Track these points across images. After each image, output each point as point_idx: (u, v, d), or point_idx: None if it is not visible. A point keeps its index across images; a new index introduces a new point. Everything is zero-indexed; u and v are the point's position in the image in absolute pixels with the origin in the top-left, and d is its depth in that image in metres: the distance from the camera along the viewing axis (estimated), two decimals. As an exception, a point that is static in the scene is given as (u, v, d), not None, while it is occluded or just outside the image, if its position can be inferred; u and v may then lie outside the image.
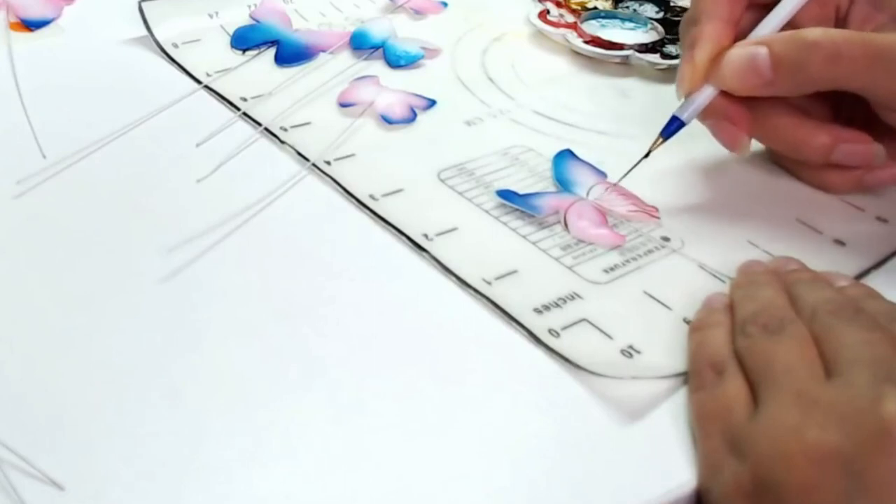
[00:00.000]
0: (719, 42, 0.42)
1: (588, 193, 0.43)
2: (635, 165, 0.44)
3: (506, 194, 0.43)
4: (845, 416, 0.30)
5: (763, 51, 0.41)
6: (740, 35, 0.43)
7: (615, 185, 0.44)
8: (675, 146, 0.48)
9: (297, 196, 0.43)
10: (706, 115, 0.43)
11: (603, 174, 0.45)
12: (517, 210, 0.42)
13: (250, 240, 0.40)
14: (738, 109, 0.43)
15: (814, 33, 0.41)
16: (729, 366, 0.34)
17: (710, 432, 0.33)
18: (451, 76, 0.53)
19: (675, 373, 0.35)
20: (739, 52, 0.42)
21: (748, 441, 0.31)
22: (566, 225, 0.41)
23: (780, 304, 0.36)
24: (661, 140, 0.43)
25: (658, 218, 0.43)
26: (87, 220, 0.40)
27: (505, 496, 0.31)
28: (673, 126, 0.43)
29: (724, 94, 0.43)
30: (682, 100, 0.43)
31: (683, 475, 0.32)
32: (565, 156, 0.46)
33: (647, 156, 0.43)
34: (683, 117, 0.43)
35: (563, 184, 0.44)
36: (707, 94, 0.43)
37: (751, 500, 0.30)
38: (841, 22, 0.45)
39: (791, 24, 0.43)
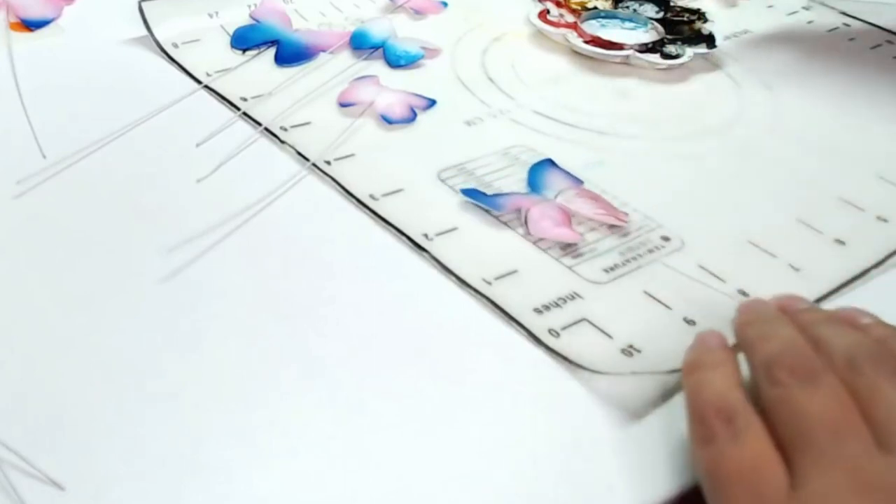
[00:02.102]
0: None
1: (556, 196, 0.43)
2: None
3: (470, 193, 0.42)
4: None
5: None
6: None
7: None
8: (676, 145, 0.48)
9: (297, 196, 0.43)
10: None
11: (580, 181, 0.44)
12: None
13: (250, 240, 0.40)
14: None
15: None
16: (742, 414, 0.30)
17: (735, 498, 0.29)
18: (451, 76, 0.53)
19: (675, 369, 0.35)
20: None
21: None
22: (526, 223, 0.41)
23: (803, 346, 0.32)
24: None
25: (626, 223, 0.42)
26: (87, 220, 0.40)
27: (505, 496, 0.31)
28: None
29: None
30: None
31: (683, 475, 0.32)
32: (544, 164, 0.45)
33: None
34: None
35: (533, 186, 0.44)
36: None
37: None
38: None
39: None
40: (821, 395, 0.30)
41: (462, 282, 0.39)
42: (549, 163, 0.45)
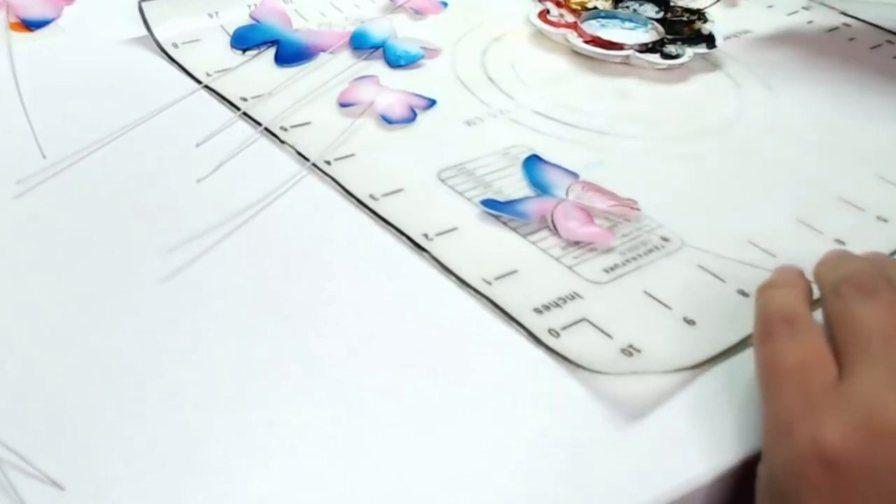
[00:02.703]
0: None
1: (567, 193, 0.43)
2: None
3: (491, 204, 0.42)
4: None
5: None
6: None
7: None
8: (676, 145, 0.48)
9: (297, 196, 0.43)
10: None
11: (575, 174, 0.45)
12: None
13: (250, 240, 0.40)
14: None
15: None
16: (803, 320, 0.33)
17: (782, 389, 0.31)
18: (451, 76, 0.53)
19: (675, 369, 0.35)
20: None
21: (831, 408, 0.30)
22: (555, 227, 0.41)
23: (873, 272, 0.34)
24: None
25: (638, 210, 0.43)
26: (87, 220, 0.40)
27: (505, 496, 0.31)
28: None
29: None
30: None
31: (683, 475, 0.32)
32: (533, 160, 0.45)
33: None
34: None
35: (539, 187, 0.44)
36: None
37: (824, 470, 0.29)
38: None
39: None
40: (879, 306, 0.32)
41: (462, 282, 0.39)
42: (538, 158, 0.45)
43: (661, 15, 0.58)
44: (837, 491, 0.29)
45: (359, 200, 0.42)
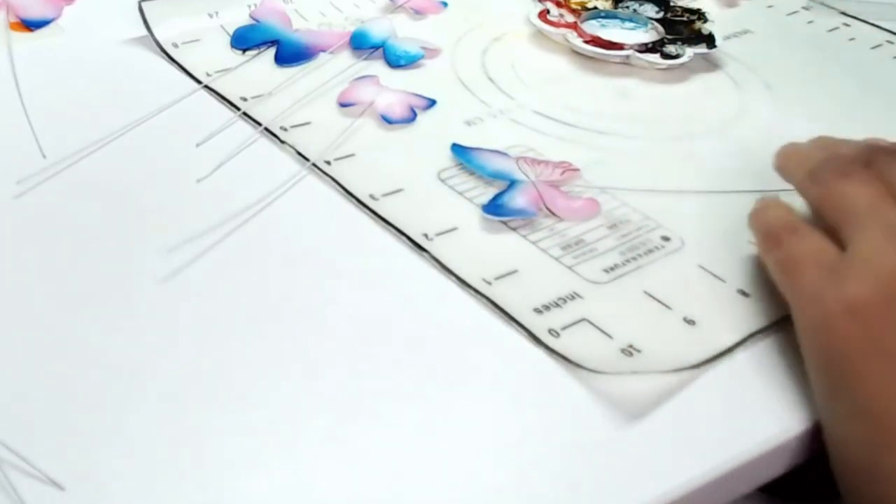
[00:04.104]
0: None
1: (526, 174, 0.43)
2: None
3: (491, 210, 0.42)
4: None
5: None
6: None
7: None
8: (676, 145, 0.48)
9: (297, 196, 0.43)
10: None
11: (504, 153, 0.45)
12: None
13: (250, 240, 0.40)
14: None
15: None
16: (805, 227, 0.37)
17: (804, 272, 0.35)
18: (451, 76, 0.53)
19: (675, 369, 0.35)
20: None
21: (846, 272, 0.34)
22: (552, 213, 0.41)
23: (842, 158, 0.38)
24: None
25: (577, 169, 0.44)
26: (87, 220, 0.40)
27: (505, 496, 0.31)
28: None
29: None
30: None
31: (683, 475, 0.32)
32: (462, 151, 0.45)
33: None
34: None
35: (499, 176, 0.44)
36: None
37: (853, 319, 0.33)
38: None
39: None
40: (858, 183, 0.36)
41: (462, 282, 0.39)
42: (463, 147, 0.45)
43: (661, 15, 0.58)
44: (868, 332, 0.33)
45: (359, 200, 0.42)
